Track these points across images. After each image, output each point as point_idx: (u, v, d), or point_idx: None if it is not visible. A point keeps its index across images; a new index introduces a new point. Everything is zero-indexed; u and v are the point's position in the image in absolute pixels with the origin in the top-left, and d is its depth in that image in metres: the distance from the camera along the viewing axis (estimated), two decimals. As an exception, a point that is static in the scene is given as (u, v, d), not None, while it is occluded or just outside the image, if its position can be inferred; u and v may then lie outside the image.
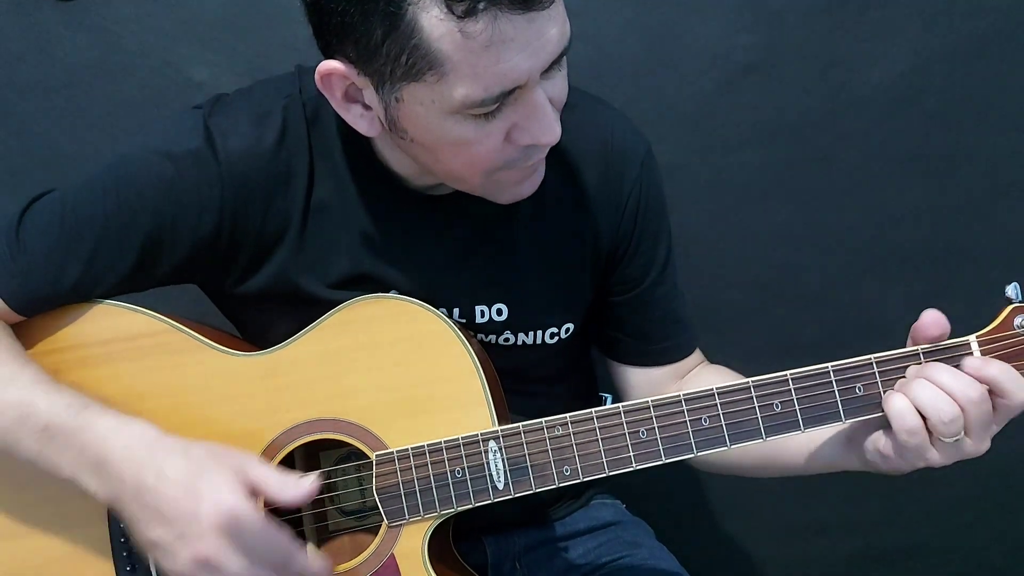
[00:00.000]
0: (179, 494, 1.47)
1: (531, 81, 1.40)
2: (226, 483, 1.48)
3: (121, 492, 1.51)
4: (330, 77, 1.48)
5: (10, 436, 1.56)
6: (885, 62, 2.44)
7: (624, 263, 1.83)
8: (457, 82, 1.37)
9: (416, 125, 1.47)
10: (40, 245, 1.63)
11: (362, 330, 1.62)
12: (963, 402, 1.44)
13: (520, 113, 1.44)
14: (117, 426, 1.53)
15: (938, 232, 2.55)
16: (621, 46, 2.41)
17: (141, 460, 1.50)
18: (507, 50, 1.34)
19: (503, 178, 1.56)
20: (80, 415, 1.54)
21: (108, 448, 1.51)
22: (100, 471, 1.52)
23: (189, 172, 1.61)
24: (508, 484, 1.56)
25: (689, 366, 1.95)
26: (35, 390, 1.56)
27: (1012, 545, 2.79)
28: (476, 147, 1.47)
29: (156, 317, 1.67)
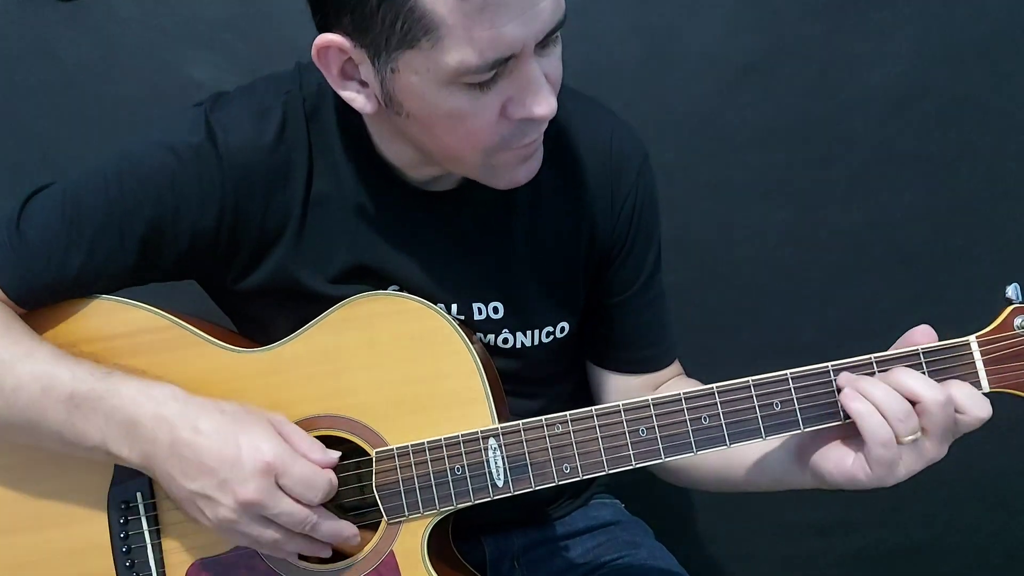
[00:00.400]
0: (219, 444, 1.50)
1: (525, 51, 1.40)
2: (263, 432, 1.53)
3: (155, 451, 1.53)
4: (327, 51, 1.48)
5: (35, 408, 1.57)
6: (885, 63, 2.44)
7: (615, 267, 1.83)
8: (452, 47, 1.37)
9: (412, 97, 1.47)
10: (41, 236, 1.63)
11: (363, 327, 1.62)
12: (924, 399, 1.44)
13: (515, 85, 1.44)
14: (144, 388, 1.55)
15: (938, 233, 2.55)
16: (622, 47, 2.41)
17: (174, 417, 1.52)
18: (501, 15, 1.35)
19: (500, 160, 1.55)
20: (105, 380, 1.55)
21: (138, 410, 1.53)
22: (131, 433, 1.53)
23: (191, 165, 1.61)
24: (508, 482, 1.56)
25: (666, 377, 1.94)
26: (56, 362, 1.58)
27: (1011, 545, 2.79)
28: (471, 120, 1.47)
29: (157, 313, 1.67)
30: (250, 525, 1.52)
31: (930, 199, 2.53)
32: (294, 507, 1.51)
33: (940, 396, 1.43)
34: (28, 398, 1.56)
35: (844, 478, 1.51)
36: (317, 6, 1.47)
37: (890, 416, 1.44)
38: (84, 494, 1.66)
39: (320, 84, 1.64)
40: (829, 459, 1.53)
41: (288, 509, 1.51)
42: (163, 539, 1.67)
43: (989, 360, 1.50)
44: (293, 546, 1.57)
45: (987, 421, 1.47)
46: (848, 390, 1.48)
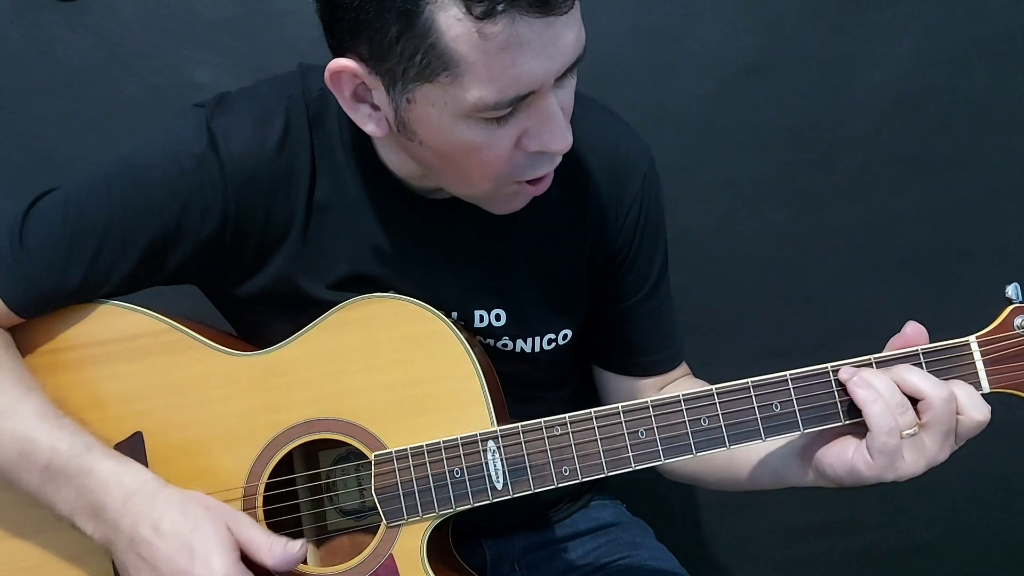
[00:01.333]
0: (173, 551, 1.50)
1: (545, 87, 1.40)
2: (218, 544, 1.52)
3: (117, 539, 1.54)
4: (340, 75, 1.47)
5: (12, 470, 1.57)
6: (886, 64, 2.44)
7: (620, 275, 1.83)
8: (472, 84, 1.36)
9: (427, 127, 1.46)
10: (43, 247, 1.62)
11: (361, 329, 1.62)
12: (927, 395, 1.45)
13: (532, 119, 1.44)
14: (117, 473, 1.55)
15: (938, 234, 2.55)
16: (622, 48, 2.41)
17: (139, 511, 1.52)
18: (523, 54, 1.33)
19: (510, 190, 1.56)
20: (81, 458, 1.55)
21: (107, 496, 1.54)
22: (97, 516, 1.54)
23: (193, 173, 1.61)
24: (507, 484, 1.56)
25: (673, 378, 1.95)
26: (38, 426, 1.57)
27: (1012, 546, 2.78)
28: (485, 152, 1.46)
29: (155, 317, 1.67)
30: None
31: (930, 199, 2.53)
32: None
33: (943, 392, 1.44)
34: (7, 457, 1.57)
35: (845, 470, 1.51)
36: (332, 29, 1.45)
37: (890, 407, 1.44)
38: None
39: (323, 89, 1.63)
40: (830, 452, 1.53)
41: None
42: (161, 544, 1.66)
43: (989, 360, 1.50)
44: None
45: (985, 426, 1.47)
46: (857, 378, 1.48)
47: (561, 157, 1.53)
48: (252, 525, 1.57)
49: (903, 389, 1.45)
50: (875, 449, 1.46)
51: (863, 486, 1.52)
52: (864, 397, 1.46)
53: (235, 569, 1.51)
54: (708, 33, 2.42)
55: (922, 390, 1.44)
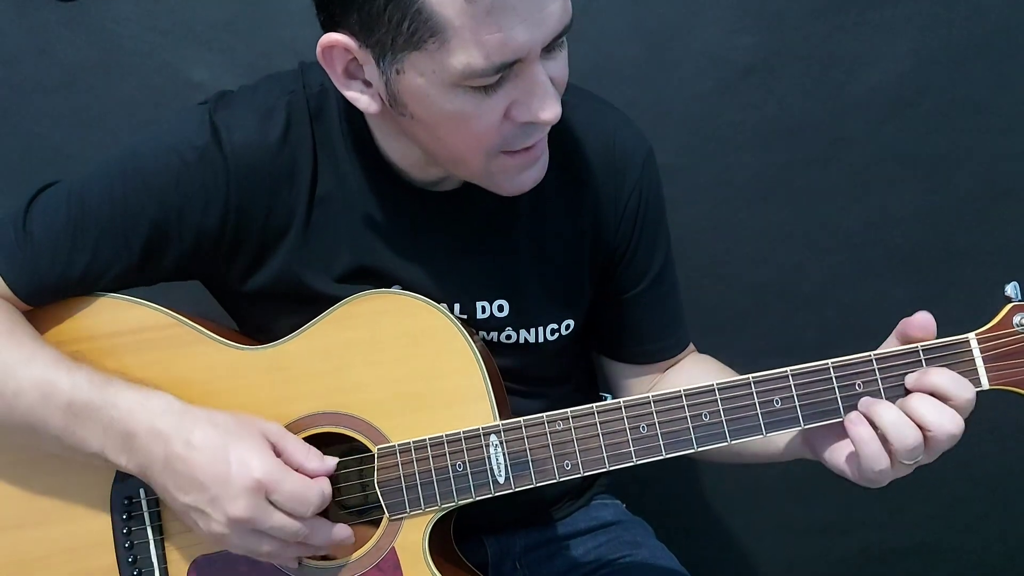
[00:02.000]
0: (209, 459, 1.51)
1: (531, 55, 1.41)
2: (254, 446, 1.53)
3: (151, 463, 1.54)
4: (331, 51, 1.48)
5: (36, 414, 1.57)
6: (884, 63, 2.44)
7: (622, 265, 1.84)
8: (458, 49, 1.37)
9: (416, 98, 1.47)
10: (47, 235, 1.64)
11: (365, 325, 1.63)
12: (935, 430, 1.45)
13: (520, 88, 1.45)
14: (142, 399, 1.56)
15: (937, 232, 2.55)
16: (622, 47, 2.41)
17: (169, 431, 1.53)
18: (508, 18, 1.35)
19: (504, 164, 1.55)
20: (103, 391, 1.56)
21: (135, 422, 1.54)
22: (128, 444, 1.55)
23: (195, 165, 1.62)
24: (509, 478, 1.56)
25: (677, 360, 1.96)
26: (56, 368, 1.58)
27: (1012, 546, 2.79)
28: (475, 122, 1.47)
29: (161, 311, 1.68)
30: (243, 539, 1.54)
31: (930, 199, 2.53)
32: (285, 521, 1.52)
33: (954, 429, 1.44)
34: (28, 403, 1.57)
35: (835, 468, 1.55)
36: (323, 4, 1.47)
37: (898, 445, 1.45)
38: (87, 491, 1.67)
39: (323, 84, 1.65)
40: (830, 447, 1.56)
41: (279, 523, 1.52)
42: (165, 536, 1.68)
43: (989, 357, 1.50)
44: (288, 555, 1.58)
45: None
46: (854, 414, 1.49)
47: (550, 128, 1.54)
48: (283, 431, 1.59)
49: (917, 421, 1.45)
50: (863, 476, 1.50)
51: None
52: (858, 436, 1.48)
53: (274, 464, 1.52)
54: (708, 33, 2.42)
55: (929, 425, 1.44)
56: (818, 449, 1.58)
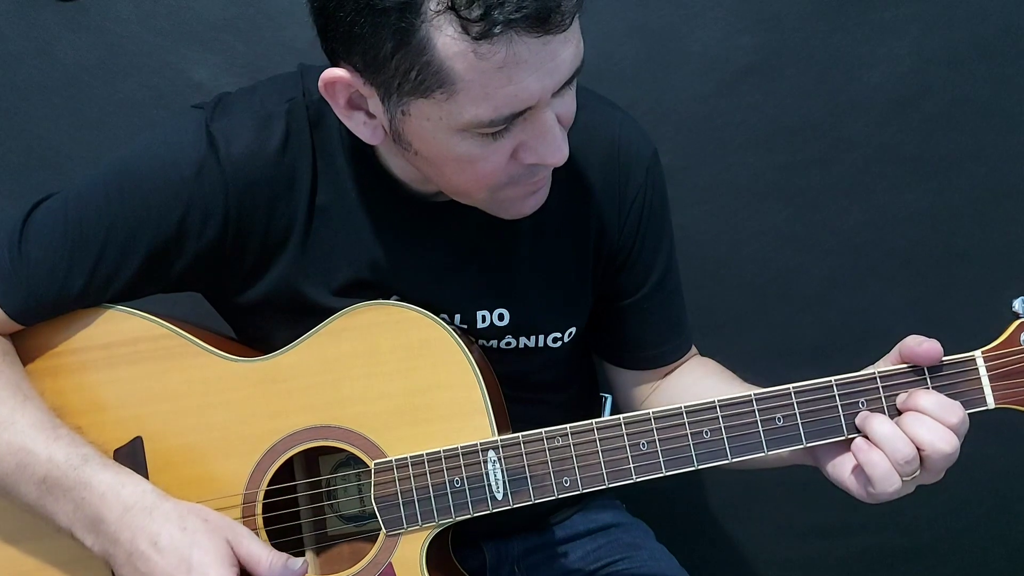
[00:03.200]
0: (171, 565, 1.50)
1: (542, 102, 1.39)
2: (218, 559, 1.51)
3: (115, 552, 1.53)
4: (334, 85, 1.47)
5: (9, 481, 1.57)
6: (885, 64, 2.43)
7: (626, 269, 1.82)
8: (467, 102, 1.36)
9: (422, 139, 1.45)
10: (44, 256, 1.62)
11: (362, 337, 1.62)
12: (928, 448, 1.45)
13: (528, 133, 1.43)
14: (115, 485, 1.55)
15: (938, 234, 2.54)
16: (622, 48, 2.40)
17: (137, 525, 1.52)
18: (520, 72, 1.33)
19: (507, 195, 1.55)
20: (79, 470, 1.55)
21: (106, 508, 1.53)
22: (96, 529, 1.54)
23: (193, 180, 1.60)
24: (507, 495, 1.56)
25: (680, 363, 1.95)
26: (35, 437, 1.57)
27: (1013, 547, 2.78)
28: (481, 164, 1.45)
29: (157, 322, 1.67)
30: None
31: (931, 200, 2.52)
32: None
33: (947, 449, 1.44)
34: (4, 469, 1.57)
35: (837, 481, 1.56)
36: (327, 38, 1.44)
37: (893, 459, 1.45)
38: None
39: None
40: (833, 461, 1.56)
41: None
42: (159, 549, 1.66)
43: (995, 376, 1.49)
44: None
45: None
46: (860, 441, 1.49)
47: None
48: (252, 539, 1.56)
49: (911, 438, 1.45)
50: (871, 494, 1.50)
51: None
52: (869, 461, 1.47)
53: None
54: (708, 33, 2.41)
55: (924, 444, 1.44)
56: (821, 460, 1.58)
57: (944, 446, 1.43)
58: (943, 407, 1.45)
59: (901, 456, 1.44)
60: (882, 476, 1.46)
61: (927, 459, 1.45)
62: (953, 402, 1.46)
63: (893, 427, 1.46)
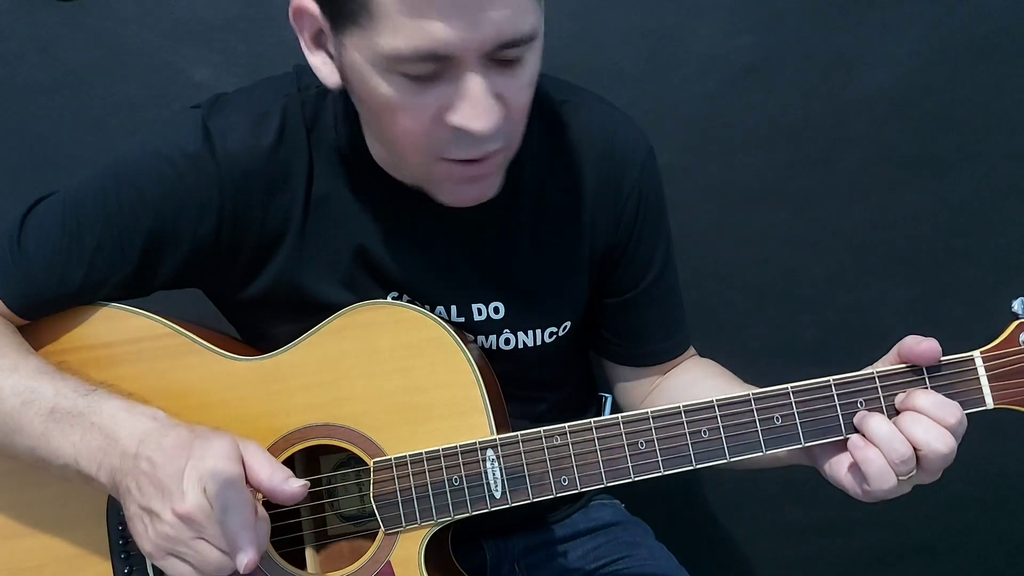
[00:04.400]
0: (171, 455, 1.48)
1: (466, 59, 1.37)
2: (220, 446, 1.50)
3: (122, 464, 1.51)
4: (301, 13, 1.48)
5: (12, 422, 1.57)
6: (886, 64, 2.44)
7: (621, 265, 1.83)
8: (384, 30, 1.35)
9: (356, 77, 1.45)
10: (43, 250, 1.64)
11: (361, 336, 1.63)
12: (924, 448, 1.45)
13: (452, 91, 1.41)
14: (126, 406, 1.56)
15: (938, 234, 2.54)
16: (622, 48, 2.41)
17: (147, 434, 1.51)
18: (435, 8, 1.32)
19: (446, 171, 1.53)
20: (87, 397, 1.56)
21: (117, 425, 1.53)
22: (105, 448, 1.53)
23: (189, 174, 1.62)
24: (505, 493, 1.56)
25: (678, 362, 1.95)
26: (39, 377, 1.58)
27: (1013, 546, 2.79)
28: (406, 114, 1.44)
29: (157, 320, 1.68)
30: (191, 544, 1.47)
31: (931, 200, 2.53)
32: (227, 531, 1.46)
33: (944, 450, 1.44)
34: (6, 411, 1.57)
35: (834, 480, 1.56)
36: None
37: (889, 458, 1.46)
38: (84, 501, 1.66)
39: (319, 87, 1.64)
40: (829, 460, 1.56)
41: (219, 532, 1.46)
42: (162, 546, 1.67)
43: (994, 376, 1.49)
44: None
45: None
46: (856, 438, 1.49)
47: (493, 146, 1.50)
48: (260, 450, 1.54)
49: (908, 438, 1.46)
50: (867, 492, 1.51)
51: None
52: (864, 458, 1.48)
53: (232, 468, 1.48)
54: (708, 33, 2.42)
55: (920, 444, 1.45)
56: (818, 460, 1.58)
57: (940, 446, 1.44)
58: (941, 407, 1.46)
59: (897, 455, 1.44)
60: (877, 473, 1.46)
61: (923, 459, 1.45)
62: (951, 402, 1.46)
63: (890, 426, 1.46)
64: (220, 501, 1.45)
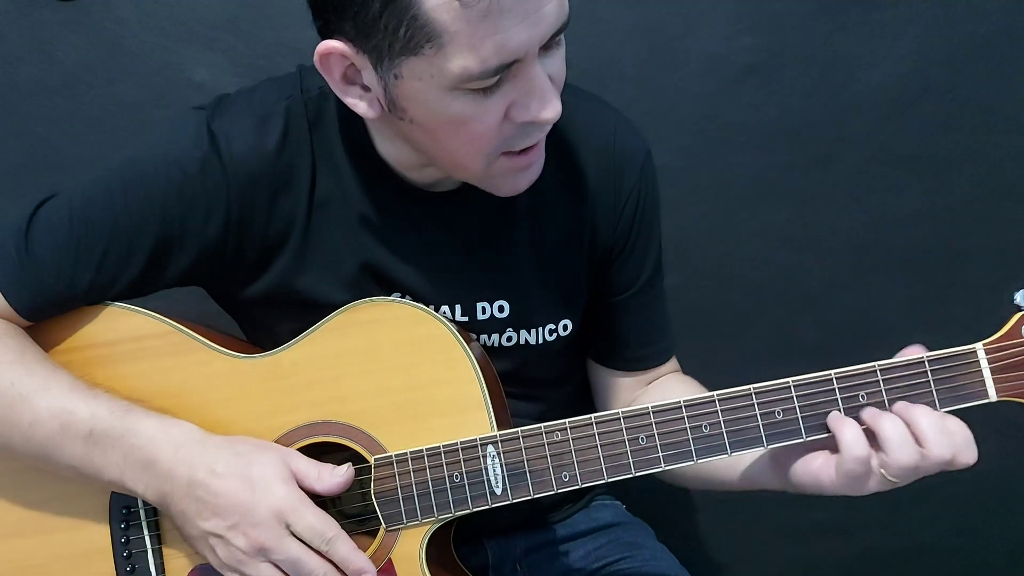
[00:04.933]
0: (233, 486, 1.52)
1: (529, 55, 1.40)
2: (276, 474, 1.54)
3: (172, 489, 1.54)
4: (328, 57, 1.47)
5: (52, 444, 1.58)
6: (885, 64, 2.44)
7: (615, 267, 1.83)
8: (455, 54, 1.36)
9: (415, 103, 1.46)
10: (50, 253, 1.63)
11: (363, 333, 1.62)
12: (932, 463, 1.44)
13: (519, 89, 1.43)
14: (163, 427, 1.57)
15: (938, 234, 2.55)
16: (622, 48, 2.41)
17: (192, 457, 1.54)
18: (504, 21, 1.33)
19: (503, 166, 1.55)
20: (124, 419, 1.57)
21: (156, 449, 1.55)
22: (149, 471, 1.55)
23: (195, 178, 1.61)
24: (506, 490, 1.56)
25: (661, 372, 1.95)
26: (73, 396, 1.59)
27: (1013, 547, 2.78)
28: (474, 124, 1.45)
29: (160, 319, 1.68)
30: (258, 567, 1.54)
31: (931, 200, 2.53)
32: (303, 554, 1.53)
33: (946, 455, 1.43)
34: (46, 433, 1.58)
35: (809, 480, 1.54)
36: (318, 12, 1.45)
37: (892, 458, 1.44)
38: (86, 499, 1.66)
39: (322, 88, 1.65)
40: (798, 462, 1.55)
41: (296, 554, 1.53)
42: (164, 545, 1.67)
43: (996, 368, 1.48)
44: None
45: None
46: (834, 413, 1.49)
47: (550, 126, 1.53)
48: (300, 456, 1.59)
49: (912, 431, 1.45)
50: (841, 471, 1.47)
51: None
52: (834, 418, 1.48)
53: (297, 495, 1.54)
54: (708, 33, 2.42)
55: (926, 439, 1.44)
56: (788, 465, 1.57)
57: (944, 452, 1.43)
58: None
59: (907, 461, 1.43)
60: (851, 440, 1.45)
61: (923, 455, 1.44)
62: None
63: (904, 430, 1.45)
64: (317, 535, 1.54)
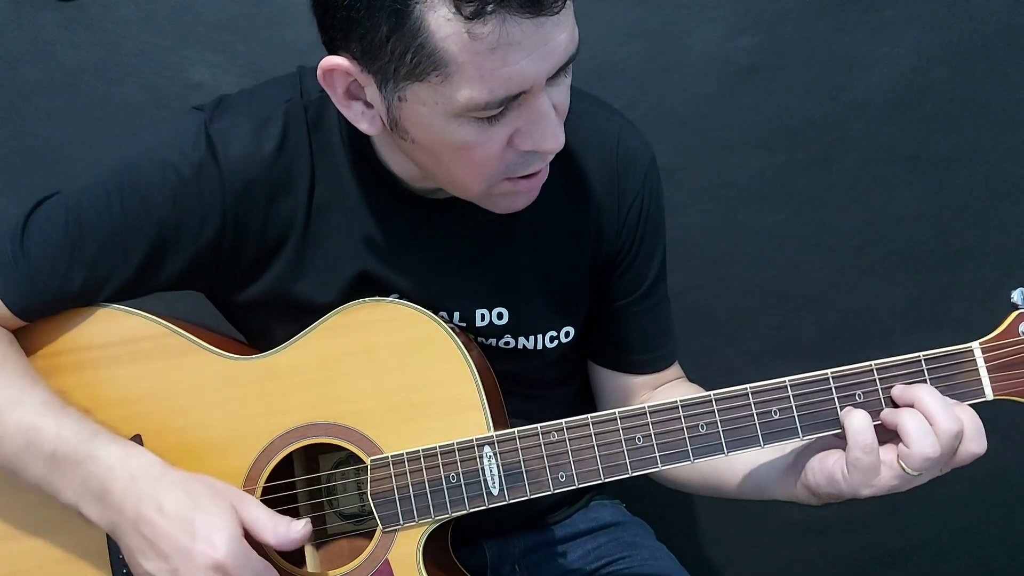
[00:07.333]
0: (176, 529, 1.49)
1: (536, 87, 1.38)
2: (222, 521, 1.51)
3: (121, 522, 1.53)
4: (332, 73, 1.46)
5: (18, 460, 1.58)
6: (885, 64, 2.44)
7: (620, 272, 1.82)
8: (462, 84, 1.35)
9: (418, 126, 1.45)
10: (45, 252, 1.63)
11: (359, 334, 1.62)
12: (944, 439, 1.43)
13: (524, 118, 1.42)
14: (123, 456, 1.55)
15: (938, 234, 2.55)
16: (623, 48, 2.41)
17: (142, 492, 1.52)
18: (514, 53, 1.32)
19: (504, 188, 1.54)
20: (87, 444, 1.55)
21: (112, 478, 1.53)
22: (102, 500, 1.54)
23: (192, 181, 1.61)
24: (503, 490, 1.55)
25: (666, 378, 1.94)
26: (43, 414, 1.58)
27: (1012, 546, 2.78)
28: (477, 151, 1.45)
29: (155, 320, 1.67)
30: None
31: (930, 199, 2.53)
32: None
33: (954, 427, 1.42)
34: (12, 449, 1.57)
35: (825, 478, 1.53)
36: (325, 27, 1.44)
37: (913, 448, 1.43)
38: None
39: (322, 91, 1.63)
40: (814, 460, 1.54)
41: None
42: (161, 546, 1.66)
43: (993, 367, 1.47)
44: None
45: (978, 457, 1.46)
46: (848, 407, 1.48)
47: (553, 155, 1.52)
48: (257, 505, 1.56)
49: (918, 408, 1.44)
50: (851, 461, 1.47)
51: (851, 499, 1.54)
52: (845, 411, 1.48)
53: (238, 547, 1.50)
54: (708, 33, 2.42)
55: (933, 414, 1.43)
56: (806, 465, 1.56)
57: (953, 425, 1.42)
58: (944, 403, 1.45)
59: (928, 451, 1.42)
60: (857, 428, 1.45)
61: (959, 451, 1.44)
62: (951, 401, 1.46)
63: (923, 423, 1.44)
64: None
